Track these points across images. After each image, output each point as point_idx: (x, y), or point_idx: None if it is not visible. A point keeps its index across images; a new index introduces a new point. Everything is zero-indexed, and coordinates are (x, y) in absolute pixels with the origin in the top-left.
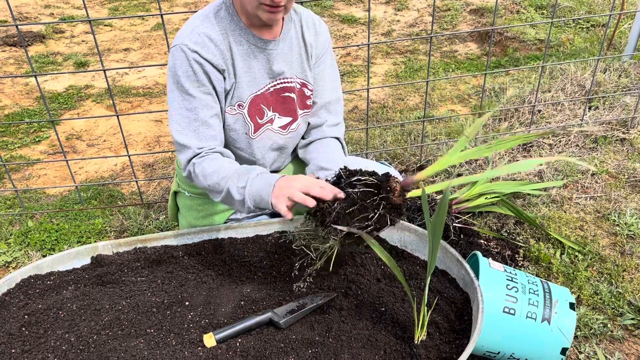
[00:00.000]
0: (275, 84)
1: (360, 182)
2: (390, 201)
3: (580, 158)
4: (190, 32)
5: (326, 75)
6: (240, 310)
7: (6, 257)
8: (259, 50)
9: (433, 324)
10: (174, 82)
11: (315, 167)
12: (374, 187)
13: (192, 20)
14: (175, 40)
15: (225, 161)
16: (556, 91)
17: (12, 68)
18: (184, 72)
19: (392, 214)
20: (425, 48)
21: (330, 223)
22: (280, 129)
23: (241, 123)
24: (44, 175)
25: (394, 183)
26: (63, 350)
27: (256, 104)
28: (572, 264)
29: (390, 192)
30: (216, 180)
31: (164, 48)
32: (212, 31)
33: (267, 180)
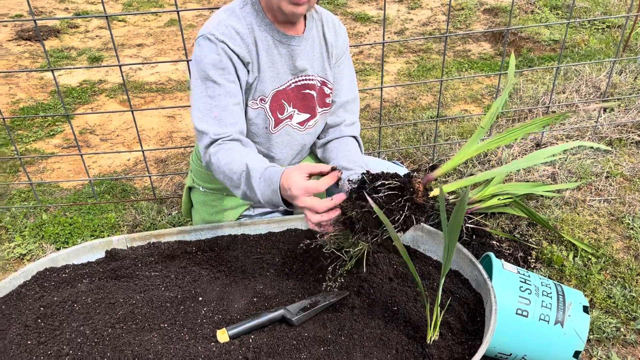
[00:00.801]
0: (296, 80)
1: (385, 186)
2: (414, 201)
3: (595, 160)
4: (217, 23)
5: (344, 75)
6: (253, 306)
7: (21, 249)
8: (283, 46)
9: (445, 324)
10: (199, 70)
11: None
12: (397, 189)
13: (218, 14)
14: (202, 31)
15: (237, 153)
16: (570, 92)
17: (27, 62)
18: (210, 60)
19: (416, 213)
20: (438, 47)
21: (359, 230)
22: (299, 124)
23: (262, 117)
24: (57, 169)
25: (416, 183)
26: (78, 342)
27: (277, 99)
28: (585, 266)
29: (413, 192)
30: (229, 174)
31: (177, 44)
32: (238, 24)
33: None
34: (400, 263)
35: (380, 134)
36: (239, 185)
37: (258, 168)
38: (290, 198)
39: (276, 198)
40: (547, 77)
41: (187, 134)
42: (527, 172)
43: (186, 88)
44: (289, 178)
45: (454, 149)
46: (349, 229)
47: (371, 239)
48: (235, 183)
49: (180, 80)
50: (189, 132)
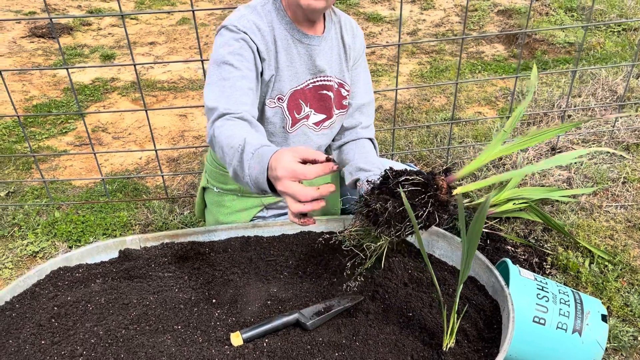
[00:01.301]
0: (314, 80)
1: (409, 181)
2: (438, 199)
3: (611, 165)
4: (239, 17)
5: (361, 78)
6: (267, 309)
7: (34, 247)
8: (302, 46)
9: (461, 331)
10: (217, 56)
11: (353, 168)
12: (421, 185)
13: (240, 9)
14: (223, 23)
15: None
16: (587, 96)
17: (40, 59)
18: (229, 46)
19: (439, 211)
20: (450, 48)
21: (383, 223)
22: (314, 125)
23: (279, 116)
24: (70, 167)
25: (440, 181)
26: (92, 343)
27: (295, 99)
28: (601, 273)
29: (437, 189)
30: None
31: (189, 42)
32: (259, 21)
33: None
34: (415, 268)
35: (394, 136)
36: (231, 161)
37: (254, 143)
38: (274, 179)
39: (262, 178)
40: (563, 80)
41: (199, 133)
42: (542, 176)
43: (198, 87)
44: (279, 157)
45: (468, 152)
46: (372, 222)
47: (394, 233)
48: (229, 159)
49: (192, 79)
50: (201, 132)
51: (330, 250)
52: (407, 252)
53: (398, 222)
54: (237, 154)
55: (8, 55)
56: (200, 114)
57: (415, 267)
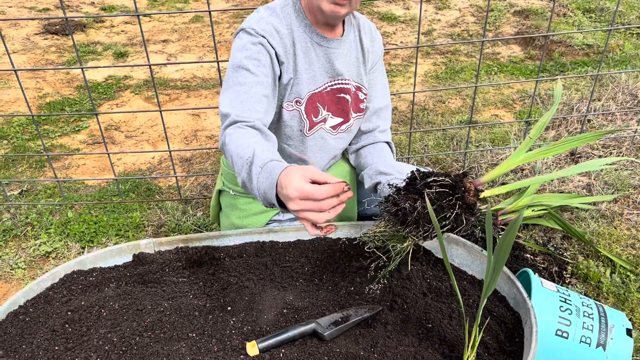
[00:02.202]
0: (332, 83)
1: (437, 182)
2: (465, 201)
3: (632, 172)
4: (258, 20)
5: (378, 82)
6: (283, 318)
7: (46, 247)
8: (321, 48)
9: (482, 344)
10: (234, 60)
11: (373, 172)
12: (449, 187)
13: (259, 11)
14: (242, 25)
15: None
16: (606, 100)
17: (53, 56)
18: (246, 51)
19: (466, 213)
20: (466, 49)
21: (411, 222)
22: (331, 128)
23: (297, 120)
24: (82, 165)
25: (468, 183)
26: (105, 350)
27: (313, 102)
28: (623, 284)
29: (465, 192)
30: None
31: (202, 40)
32: (278, 24)
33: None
34: (433, 277)
35: (410, 139)
36: (240, 172)
37: (263, 157)
38: (284, 198)
39: (270, 193)
40: (582, 83)
41: (212, 133)
42: (562, 182)
43: (211, 86)
44: (288, 176)
45: (485, 156)
46: (400, 221)
47: (422, 234)
48: (238, 169)
49: (205, 77)
50: (213, 131)
51: (346, 258)
52: (426, 260)
53: (426, 223)
54: (246, 165)
55: (22, 52)
56: (214, 114)
57: (434, 276)
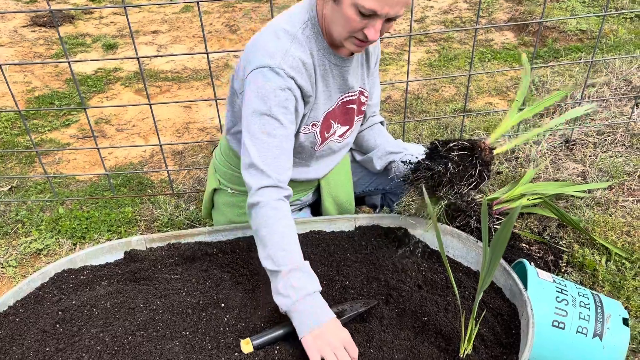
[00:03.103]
0: (342, 97)
1: (457, 147)
2: (483, 158)
3: (627, 158)
4: (284, 54)
5: (376, 81)
6: (277, 314)
7: (37, 244)
8: (337, 68)
9: (478, 336)
10: (261, 103)
11: (382, 153)
12: (467, 150)
13: (279, 37)
14: (267, 59)
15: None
16: (600, 86)
17: (42, 49)
18: (276, 96)
19: (485, 169)
20: (459, 36)
21: (446, 182)
22: (339, 137)
23: (311, 139)
24: (73, 160)
25: (482, 144)
26: (97, 350)
27: (327, 120)
28: (619, 272)
29: (482, 151)
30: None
31: (192, 31)
32: (303, 54)
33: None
34: (429, 269)
35: (404, 129)
36: (273, 265)
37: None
38: (317, 337)
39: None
40: (575, 69)
41: (204, 125)
42: (556, 170)
43: (202, 77)
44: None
45: None
46: (436, 183)
47: (456, 191)
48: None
49: (196, 69)
50: (205, 124)
51: (341, 251)
52: (421, 252)
53: (459, 181)
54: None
55: (9, 45)
56: (205, 105)
57: (430, 269)
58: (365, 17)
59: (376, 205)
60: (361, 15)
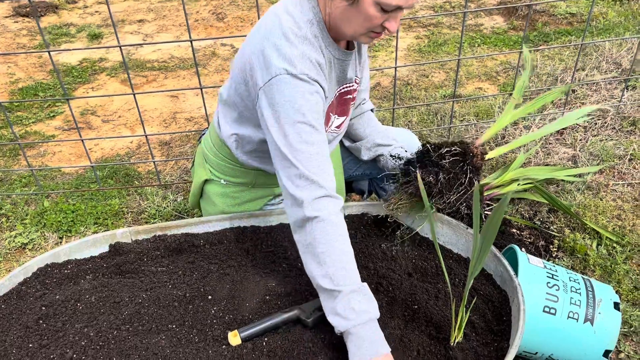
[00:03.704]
0: (340, 89)
1: (450, 153)
2: (474, 164)
3: (617, 142)
4: (300, 57)
5: (366, 67)
6: (266, 305)
7: (22, 238)
8: (338, 62)
9: (469, 323)
10: (295, 111)
11: (371, 144)
12: (459, 155)
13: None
14: (287, 65)
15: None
16: (590, 69)
17: (25, 39)
18: (307, 102)
19: (475, 176)
20: (449, 21)
21: (436, 193)
22: (336, 128)
23: None
24: (59, 152)
25: (474, 149)
26: (82, 346)
27: (327, 114)
28: (610, 256)
29: (473, 157)
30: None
31: (179, 20)
32: (317, 55)
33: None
34: (419, 257)
35: (393, 115)
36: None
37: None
38: None
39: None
40: (565, 52)
41: (191, 115)
42: (547, 155)
43: (189, 66)
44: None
45: (470, 130)
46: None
47: (445, 201)
48: (330, 277)
49: (183, 57)
50: (192, 113)
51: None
52: (411, 240)
53: (448, 192)
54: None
55: None
56: (192, 95)
57: (420, 256)
58: (386, 13)
59: (363, 191)
60: (383, 11)
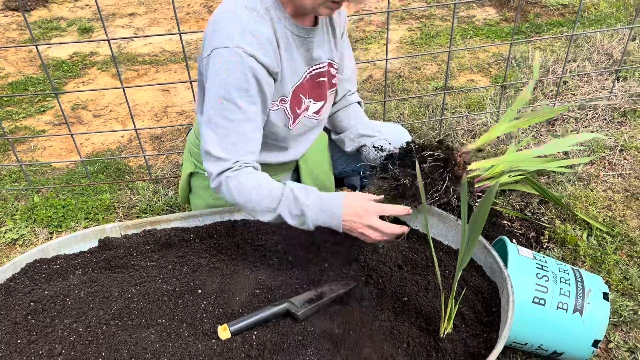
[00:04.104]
0: (310, 70)
1: (432, 157)
2: (454, 173)
3: (608, 133)
4: (242, 31)
5: (346, 52)
6: (256, 299)
7: (12, 234)
8: (300, 39)
9: (459, 315)
10: (219, 87)
11: (355, 135)
12: (441, 161)
13: (237, 16)
14: (224, 39)
15: (263, 177)
16: (582, 61)
17: (15, 34)
18: (235, 79)
19: (455, 185)
20: (441, 13)
21: (410, 196)
22: (314, 114)
23: (282, 117)
24: (49, 147)
25: (458, 157)
26: (71, 341)
27: (296, 95)
28: (600, 246)
29: (455, 165)
30: (257, 199)
31: (170, 13)
32: (264, 27)
33: (329, 211)
34: (409, 249)
35: (385, 108)
36: (270, 209)
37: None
38: (350, 229)
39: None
40: (557, 44)
41: (182, 109)
42: (538, 146)
43: (181, 60)
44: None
45: (461, 122)
46: (400, 194)
47: (417, 204)
48: (263, 207)
49: (174, 51)
50: (184, 107)
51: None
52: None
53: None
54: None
55: None
56: (184, 89)
57: (410, 248)
58: None
59: (355, 187)
60: None
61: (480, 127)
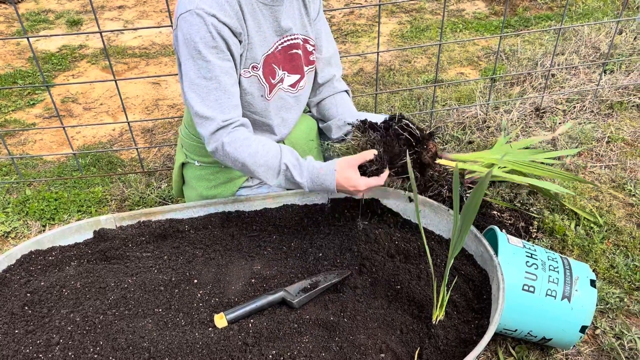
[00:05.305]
0: (282, 41)
1: (409, 127)
2: (420, 157)
3: (595, 125)
4: None
5: (322, 31)
6: (251, 288)
7: (5, 227)
8: (266, 7)
9: (450, 302)
10: (190, 49)
11: (342, 123)
12: (414, 138)
13: None
14: (186, 4)
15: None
16: (570, 54)
17: (2, 26)
18: (201, 38)
19: (415, 168)
20: (431, 6)
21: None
22: (290, 87)
23: (257, 85)
24: (40, 140)
25: (432, 144)
26: (68, 331)
27: (269, 64)
28: (587, 236)
29: (424, 149)
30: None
31: (160, 5)
32: None
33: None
34: (401, 239)
35: (376, 101)
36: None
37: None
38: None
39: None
40: (545, 37)
41: (174, 102)
42: (526, 136)
43: (171, 52)
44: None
45: (452, 115)
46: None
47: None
48: (263, 175)
49: (164, 44)
50: (175, 100)
51: (314, 224)
52: (394, 222)
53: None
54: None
55: None
56: (175, 81)
57: (402, 238)
58: None
59: None
60: None
61: (470, 119)
